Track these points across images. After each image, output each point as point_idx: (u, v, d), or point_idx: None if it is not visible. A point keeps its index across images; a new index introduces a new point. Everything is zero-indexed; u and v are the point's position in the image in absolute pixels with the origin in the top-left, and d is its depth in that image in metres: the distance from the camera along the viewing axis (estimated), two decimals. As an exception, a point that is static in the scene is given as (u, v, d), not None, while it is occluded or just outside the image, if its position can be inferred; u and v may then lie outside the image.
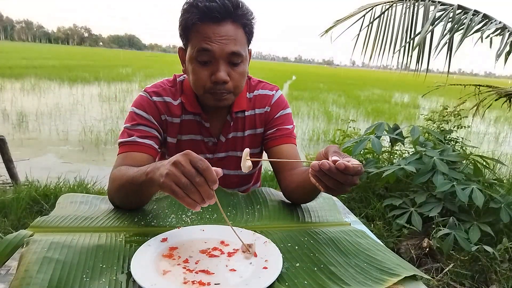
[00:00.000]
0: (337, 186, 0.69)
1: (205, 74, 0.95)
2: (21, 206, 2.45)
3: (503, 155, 4.90)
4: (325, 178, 0.69)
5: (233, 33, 0.94)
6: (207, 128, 1.10)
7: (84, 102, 8.15)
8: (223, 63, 0.94)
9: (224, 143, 1.12)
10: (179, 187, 0.66)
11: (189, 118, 1.09)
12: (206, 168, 0.66)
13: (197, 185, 0.66)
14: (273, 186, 2.84)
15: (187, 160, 0.66)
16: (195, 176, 0.66)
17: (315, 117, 8.19)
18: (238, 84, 0.99)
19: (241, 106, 1.11)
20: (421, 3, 2.41)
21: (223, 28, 0.92)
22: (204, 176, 0.66)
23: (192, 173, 0.66)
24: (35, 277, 0.60)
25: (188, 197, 0.67)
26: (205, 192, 0.66)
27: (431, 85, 3.05)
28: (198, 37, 0.93)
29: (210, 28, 0.92)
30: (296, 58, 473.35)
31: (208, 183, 0.66)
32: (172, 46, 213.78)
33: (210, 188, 0.67)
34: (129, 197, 0.87)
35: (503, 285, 1.91)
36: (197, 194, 0.66)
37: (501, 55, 2.27)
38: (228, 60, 0.95)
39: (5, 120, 5.90)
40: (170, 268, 0.67)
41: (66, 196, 0.99)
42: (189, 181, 0.66)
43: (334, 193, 0.73)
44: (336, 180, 0.68)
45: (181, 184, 0.66)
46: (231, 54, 0.94)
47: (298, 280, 0.65)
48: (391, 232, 2.40)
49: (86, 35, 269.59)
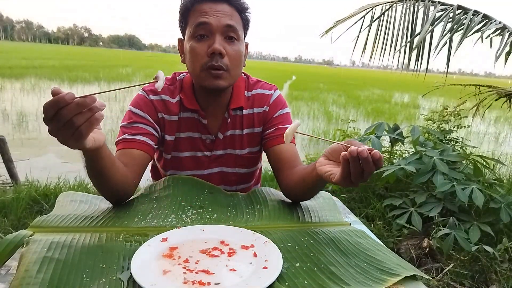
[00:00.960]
0: (359, 175, 0.71)
1: (202, 48, 0.97)
2: (21, 206, 2.45)
3: (503, 155, 4.90)
4: (355, 165, 0.71)
5: (229, 11, 0.99)
6: (205, 125, 1.10)
7: (84, 102, 8.14)
8: (219, 37, 0.97)
9: (222, 141, 1.12)
10: (60, 128, 0.63)
11: (187, 116, 1.09)
12: (51, 100, 0.62)
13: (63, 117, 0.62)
14: (273, 186, 2.84)
15: (45, 114, 0.63)
16: (50, 111, 0.62)
17: (315, 117, 8.19)
18: (234, 60, 1.00)
19: (239, 103, 1.11)
20: (421, 3, 2.41)
21: (220, 6, 0.98)
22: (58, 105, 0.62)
23: (48, 114, 0.62)
24: (35, 277, 0.60)
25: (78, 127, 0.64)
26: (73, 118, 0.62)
27: (431, 85, 3.05)
28: (195, 15, 0.98)
29: (207, 4, 0.97)
30: (296, 58, 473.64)
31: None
32: (172, 46, 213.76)
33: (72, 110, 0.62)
34: (95, 176, 0.85)
35: (503, 285, 1.91)
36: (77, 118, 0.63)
37: (501, 55, 2.27)
38: (224, 35, 0.98)
39: (5, 120, 5.90)
40: (170, 268, 0.67)
41: (65, 194, 0.99)
42: (56, 117, 0.62)
43: (348, 182, 0.74)
44: (362, 169, 0.70)
45: (56, 124, 0.63)
46: (227, 27, 0.97)
47: (298, 280, 0.65)
48: (391, 232, 2.40)
49: (86, 35, 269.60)
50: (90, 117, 0.65)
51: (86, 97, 0.63)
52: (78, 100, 0.63)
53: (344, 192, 2.96)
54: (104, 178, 0.86)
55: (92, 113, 0.65)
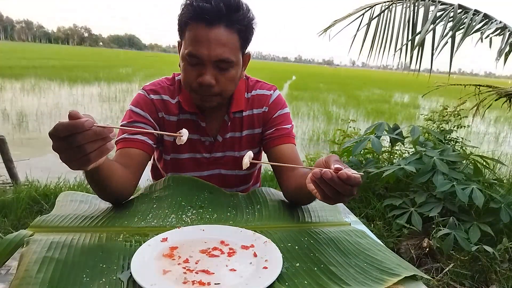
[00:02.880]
0: (335, 195, 0.69)
1: (193, 74, 0.95)
2: (21, 206, 2.45)
3: (503, 155, 4.90)
4: (325, 186, 0.69)
5: (224, 38, 0.91)
6: (204, 128, 1.10)
7: (84, 102, 8.15)
8: (210, 67, 0.93)
9: (222, 143, 1.12)
10: (67, 151, 0.62)
11: (186, 118, 1.09)
12: (68, 123, 0.60)
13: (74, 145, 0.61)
14: (273, 186, 2.84)
15: (55, 132, 0.61)
16: (62, 133, 0.60)
17: (315, 117, 8.18)
18: (225, 88, 0.98)
19: (240, 107, 1.11)
20: (421, 3, 2.41)
21: (214, 32, 0.90)
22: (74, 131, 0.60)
23: (59, 139, 0.60)
24: (35, 276, 0.60)
25: (84, 154, 0.62)
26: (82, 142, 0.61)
27: (431, 85, 3.05)
28: (189, 38, 0.92)
29: (200, 30, 0.90)
30: (296, 58, 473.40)
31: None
32: (172, 46, 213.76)
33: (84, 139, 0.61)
34: (94, 184, 0.85)
35: (503, 285, 1.91)
36: (85, 147, 0.62)
37: (502, 55, 2.27)
38: (216, 65, 0.93)
39: (5, 120, 5.89)
40: (170, 268, 0.67)
41: (66, 194, 0.99)
42: (67, 141, 0.60)
43: (331, 202, 0.73)
44: (336, 189, 0.68)
45: (64, 145, 0.61)
46: (219, 61, 0.92)
47: (298, 280, 0.65)
48: (391, 232, 2.40)
49: (86, 35, 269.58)
50: (101, 146, 0.64)
51: (104, 127, 0.62)
52: (97, 129, 0.61)
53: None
54: (103, 186, 0.86)
55: (104, 142, 0.64)
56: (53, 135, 0.61)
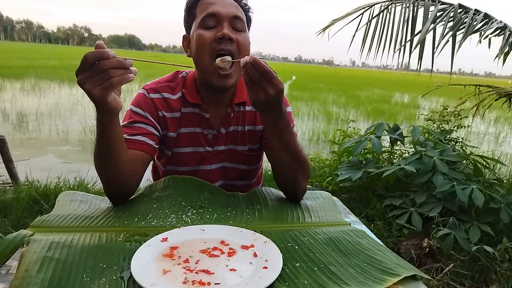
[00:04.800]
0: (252, 85, 0.81)
1: (210, 35, 0.98)
2: (21, 206, 2.45)
3: (503, 155, 4.90)
4: (245, 75, 0.80)
5: (235, 4, 1.02)
6: (207, 119, 1.10)
7: (84, 102, 8.15)
8: (228, 25, 0.99)
9: (225, 136, 1.12)
10: (94, 77, 0.72)
11: (189, 111, 1.09)
12: (92, 54, 0.72)
13: (100, 64, 0.72)
14: (273, 186, 2.84)
15: (84, 60, 0.72)
16: (91, 60, 0.71)
17: (315, 117, 8.19)
18: (242, 48, 1.01)
19: (242, 98, 1.11)
20: (421, 2, 2.41)
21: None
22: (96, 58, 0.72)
23: (86, 65, 0.72)
24: (35, 276, 0.60)
25: (107, 76, 0.72)
26: (105, 65, 0.72)
27: (431, 85, 3.05)
28: (203, 6, 1.00)
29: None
30: (296, 58, 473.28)
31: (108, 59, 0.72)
32: (172, 46, 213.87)
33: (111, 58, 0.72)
34: (104, 160, 0.89)
35: (503, 285, 1.91)
36: (109, 68, 0.72)
37: (501, 55, 2.27)
38: (232, 25, 1.00)
39: (5, 120, 5.90)
40: (170, 268, 0.67)
41: (66, 193, 0.99)
42: (94, 67, 0.72)
43: (254, 97, 0.83)
44: (250, 76, 0.80)
45: (90, 73, 0.72)
46: (234, 17, 1.00)
47: (298, 280, 0.65)
48: (391, 232, 2.40)
49: (86, 35, 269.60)
50: (123, 74, 0.74)
51: (125, 59, 0.75)
52: (119, 58, 0.74)
53: (344, 192, 2.96)
54: (112, 153, 0.87)
55: (125, 72, 0.75)
56: (82, 63, 0.72)
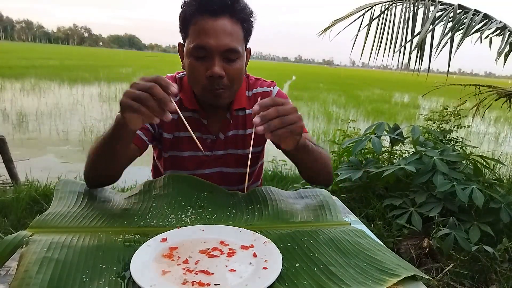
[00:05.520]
0: (281, 125, 0.77)
1: (201, 69, 0.95)
2: (21, 206, 2.45)
3: (503, 155, 4.90)
4: (268, 120, 0.76)
5: (230, 28, 0.94)
6: (205, 126, 1.10)
7: (84, 102, 8.16)
8: (219, 58, 0.94)
9: (223, 141, 1.12)
10: (135, 101, 0.72)
11: (187, 116, 1.09)
12: (156, 77, 0.73)
13: (150, 92, 0.71)
14: (273, 185, 2.84)
15: (141, 79, 0.74)
16: (147, 84, 0.72)
17: (315, 117, 8.19)
18: (234, 79, 0.98)
19: (241, 104, 1.11)
20: (421, 3, 2.41)
21: (220, 22, 0.93)
22: (157, 82, 0.72)
23: (144, 84, 0.72)
24: (34, 277, 0.60)
25: (145, 107, 0.72)
26: (158, 94, 0.71)
27: (431, 85, 3.05)
28: (195, 32, 0.94)
29: (207, 22, 0.92)
30: (296, 58, 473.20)
31: (162, 87, 0.72)
32: (172, 46, 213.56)
33: (164, 92, 0.72)
34: (105, 156, 0.90)
35: (503, 285, 1.91)
36: (151, 102, 0.71)
37: (501, 55, 2.27)
38: (224, 56, 0.95)
39: (5, 120, 5.90)
40: (169, 268, 0.67)
41: (65, 182, 0.98)
42: (143, 92, 0.71)
43: (284, 141, 0.84)
44: (277, 118, 0.76)
45: (136, 96, 0.72)
46: (227, 51, 0.94)
47: (298, 280, 0.65)
48: (391, 232, 2.40)
49: (86, 35, 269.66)
50: (156, 93, 0.72)
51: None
52: (172, 91, 0.73)
53: (344, 192, 2.96)
54: (117, 150, 0.89)
55: (167, 107, 0.74)
56: (136, 83, 0.73)
